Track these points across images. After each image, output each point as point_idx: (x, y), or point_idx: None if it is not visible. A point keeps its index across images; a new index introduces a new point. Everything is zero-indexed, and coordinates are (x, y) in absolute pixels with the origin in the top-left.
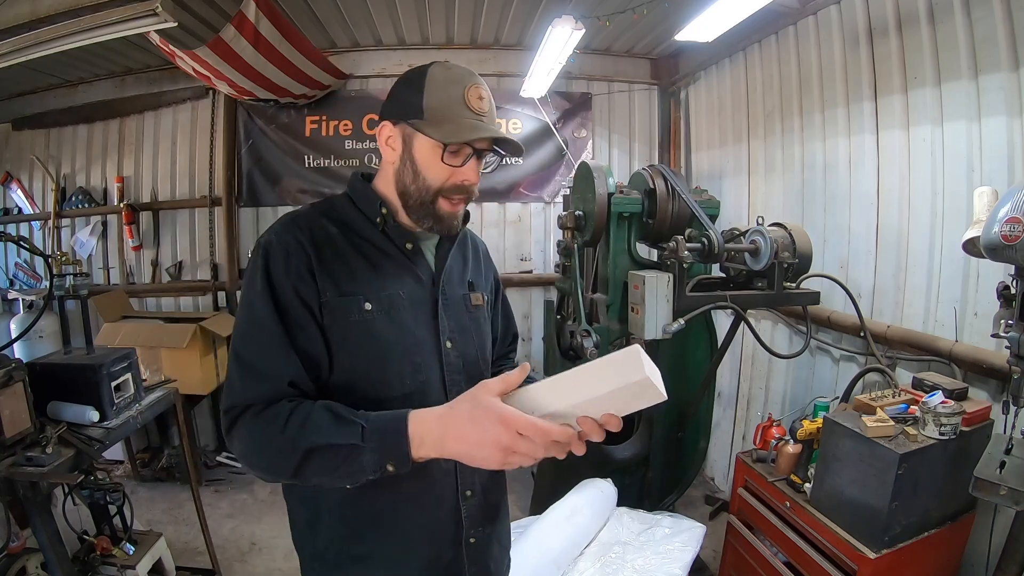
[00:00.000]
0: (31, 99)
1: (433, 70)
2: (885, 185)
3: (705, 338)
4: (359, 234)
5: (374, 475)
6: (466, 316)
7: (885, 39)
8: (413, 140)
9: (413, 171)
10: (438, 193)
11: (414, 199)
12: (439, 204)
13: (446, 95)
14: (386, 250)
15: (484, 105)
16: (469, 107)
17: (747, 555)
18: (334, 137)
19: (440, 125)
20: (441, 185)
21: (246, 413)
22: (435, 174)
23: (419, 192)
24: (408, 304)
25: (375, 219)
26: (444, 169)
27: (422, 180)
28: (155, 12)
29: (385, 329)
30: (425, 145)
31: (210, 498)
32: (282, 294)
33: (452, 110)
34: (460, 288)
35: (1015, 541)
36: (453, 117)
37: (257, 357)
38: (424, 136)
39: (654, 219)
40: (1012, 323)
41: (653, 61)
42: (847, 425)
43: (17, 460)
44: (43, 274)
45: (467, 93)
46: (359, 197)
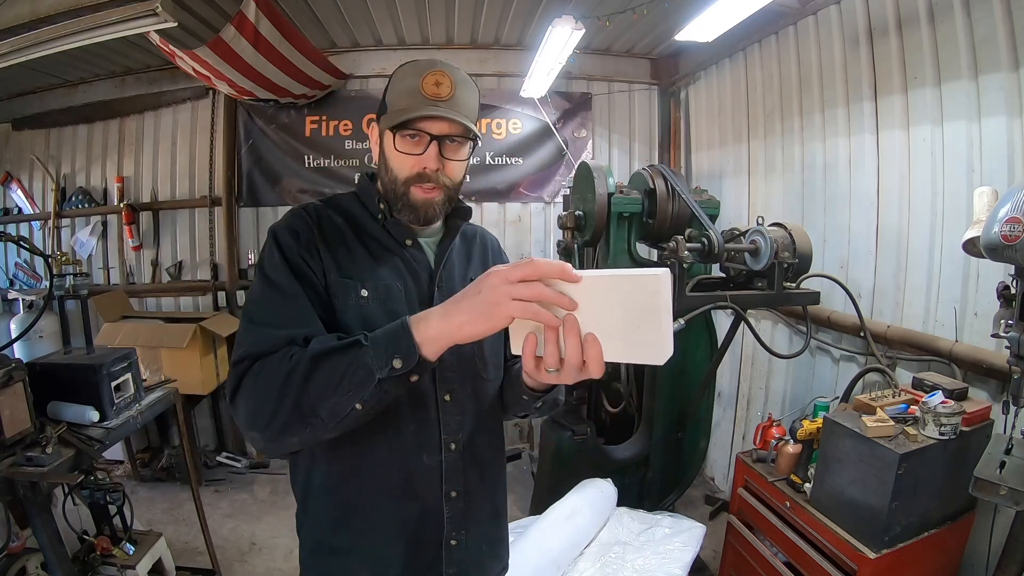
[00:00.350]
0: (31, 99)
1: (402, 67)
2: (885, 185)
3: (705, 338)
4: (362, 227)
5: (381, 373)
6: None
7: (885, 39)
8: (383, 137)
9: (385, 165)
10: (407, 183)
11: (390, 192)
12: (412, 193)
13: (404, 86)
14: (387, 244)
15: (442, 90)
16: (424, 93)
17: (747, 555)
18: (334, 137)
19: (393, 115)
20: (408, 175)
21: (255, 364)
22: (399, 164)
23: (391, 184)
24: (404, 297)
25: (376, 215)
26: (404, 158)
27: (391, 172)
28: (155, 12)
29: (379, 318)
30: (388, 138)
31: (210, 498)
32: (296, 264)
33: (407, 100)
34: (460, 284)
35: (1015, 541)
36: (407, 106)
37: (274, 315)
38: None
39: (654, 219)
40: (1012, 323)
41: (653, 61)
42: (847, 425)
43: (17, 460)
44: (43, 274)
45: (423, 80)
46: (363, 194)
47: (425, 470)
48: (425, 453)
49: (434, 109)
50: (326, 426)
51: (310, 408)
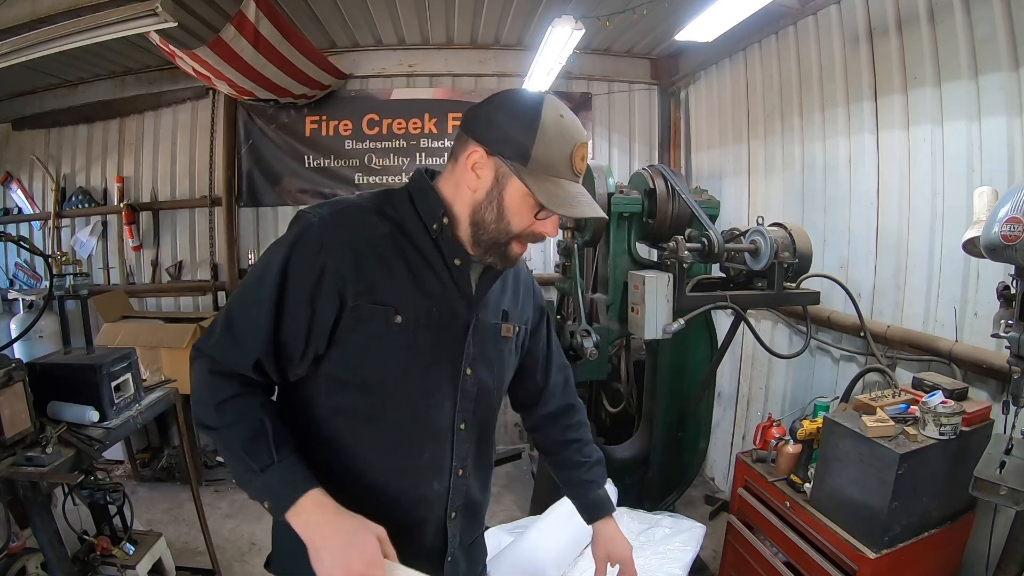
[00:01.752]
0: (31, 99)
1: (547, 113)
2: (885, 185)
3: (705, 338)
4: (410, 238)
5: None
6: (491, 345)
7: (885, 39)
8: (507, 182)
9: (498, 212)
10: (515, 237)
11: (489, 236)
12: (512, 246)
13: (555, 150)
14: (432, 262)
15: (585, 165)
16: (573, 168)
17: (747, 555)
18: (334, 137)
19: (543, 182)
20: (521, 231)
21: (207, 361)
22: (520, 221)
23: (497, 233)
24: (438, 323)
25: (432, 226)
26: (530, 219)
27: (504, 223)
28: (155, 12)
29: (408, 346)
30: (519, 192)
31: (210, 498)
32: (292, 287)
33: (557, 168)
34: (493, 316)
35: (1015, 541)
36: (556, 176)
37: (241, 323)
38: (521, 185)
39: (654, 219)
40: (1012, 323)
41: (653, 61)
42: (847, 425)
43: (17, 460)
44: (43, 274)
45: (575, 152)
46: (420, 198)
47: (434, 495)
48: (436, 480)
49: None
50: None
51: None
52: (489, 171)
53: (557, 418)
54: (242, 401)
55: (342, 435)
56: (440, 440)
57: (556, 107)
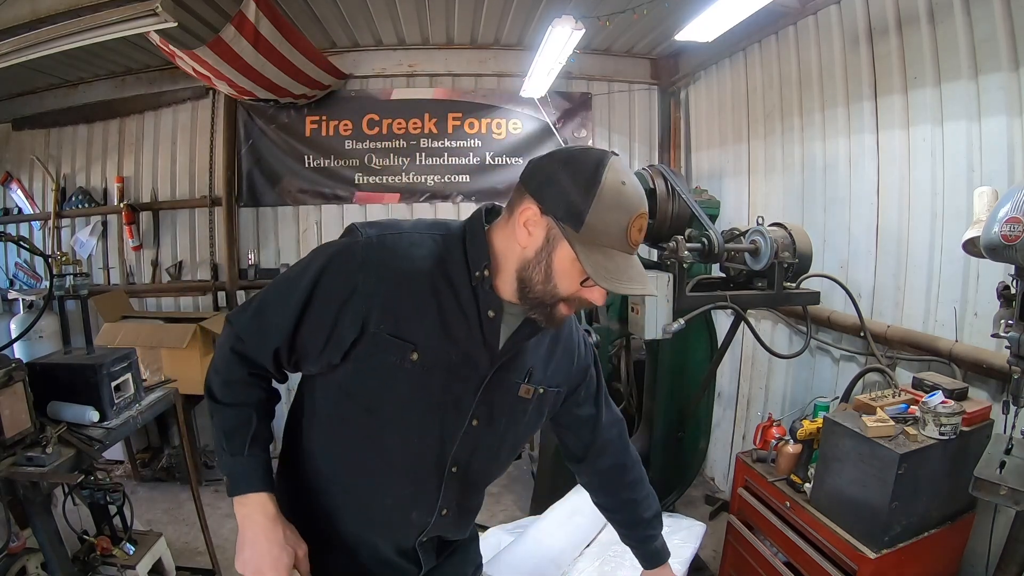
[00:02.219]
0: (31, 99)
1: (608, 178)
2: (885, 185)
3: (705, 338)
4: (449, 280)
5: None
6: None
7: (885, 39)
8: (558, 244)
9: (546, 273)
10: (562, 300)
11: (535, 296)
12: (558, 307)
13: (611, 219)
14: (466, 309)
15: (642, 237)
16: (629, 240)
17: (747, 555)
18: (334, 137)
19: (592, 252)
20: (569, 295)
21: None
22: (567, 286)
23: (544, 294)
24: (455, 369)
25: (474, 272)
26: (577, 286)
27: (552, 286)
28: (155, 12)
29: (418, 385)
30: (568, 257)
31: (210, 498)
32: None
33: (610, 238)
34: (517, 375)
35: (1015, 541)
36: (609, 247)
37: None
38: (571, 250)
39: (654, 219)
40: (1012, 323)
41: (653, 61)
42: (847, 425)
43: (17, 460)
44: (43, 274)
45: (631, 224)
46: (472, 242)
47: (410, 524)
48: (415, 511)
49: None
50: None
51: None
52: (541, 230)
53: (611, 477)
54: (245, 389)
55: (338, 441)
56: (428, 477)
57: (619, 173)
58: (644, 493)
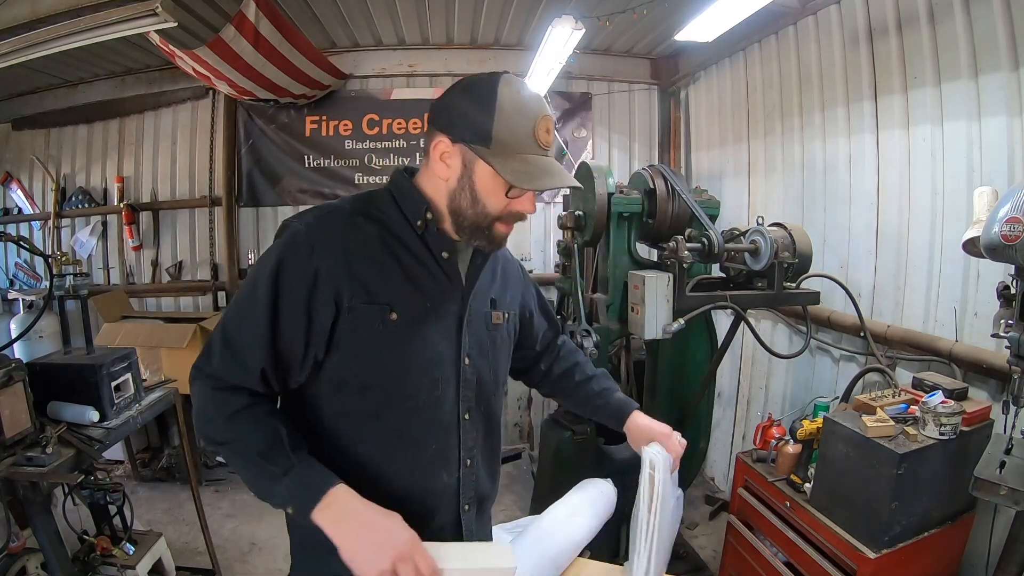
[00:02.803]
0: (31, 99)
1: (503, 90)
2: (885, 185)
3: (705, 338)
4: (397, 236)
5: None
6: (485, 334)
7: (885, 39)
8: (475, 165)
9: (472, 197)
10: (496, 219)
11: (469, 222)
12: (495, 228)
13: (517, 125)
14: (421, 257)
15: (551, 138)
16: (538, 142)
17: (747, 555)
18: (334, 137)
19: (508, 160)
20: (500, 213)
21: (209, 379)
22: (495, 203)
23: (476, 217)
24: (434, 316)
25: (416, 223)
26: (505, 200)
27: (481, 207)
28: (155, 12)
29: (407, 341)
30: (488, 174)
31: (210, 498)
32: (285, 293)
33: (521, 145)
34: (483, 305)
35: (1015, 541)
36: (522, 153)
37: (238, 337)
38: (488, 166)
39: (654, 219)
40: (1012, 323)
41: (653, 61)
42: (847, 425)
43: (17, 460)
44: (43, 274)
45: (538, 126)
46: (403, 197)
47: (443, 488)
48: (445, 471)
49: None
50: None
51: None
52: (456, 158)
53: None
54: (252, 412)
55: (346, 436)
56: (445, 432)
57: (512, 84)
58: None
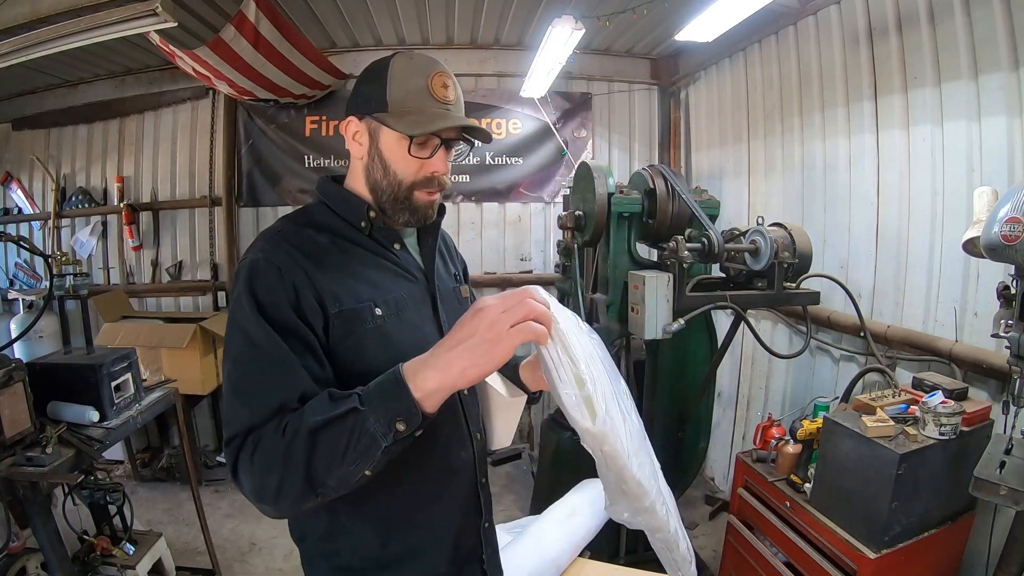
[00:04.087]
0: (31, 99)
1: (395, 60)
2: (885, 185)
3: (705, 338)
4: (350, 240)
5: (386, 440)
6: (459, 309)
7: (885, 39)
8: (379, 134)
9: (383, 166)
10: (412, 187)
11: (387, 194)
12: (415, 196)
13: (410, 84)
14: (378, 253)
15: (449, 93)
16: (434, 96)
17: (747, 555)
18: (334, 137)
19: (404, 117)
20: (413, 179)
21: (248, 439)
22: (404, 167)
23: (391, 187)
24: (411, 304)
25: (359, 223)
26: (413, 162)
27: (392, 175)
28: (155, 12)
29: (398, 332)
30: (391, 138)
31: (210, 498)
32: (277, 313)
33: (416, 101)
34: (449, 281)
35: (1015, 541)
36: (418, 108)
37: (257, 380)
38: (389, 129)
39: (654, 219)
40: (1012, 323)
41: (653, 61)
42: (847, 425)
43: (17, 460)
44: (43, 274)
45: (431, 82)
46: (338, 203)
47: (463, 464)
48: (462, 449)
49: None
50: (337, 492)
51: (318, 481)
52: (364, 133)
53: None
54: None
55: None
56: (452, 412)
57: (405, 54)
58: None
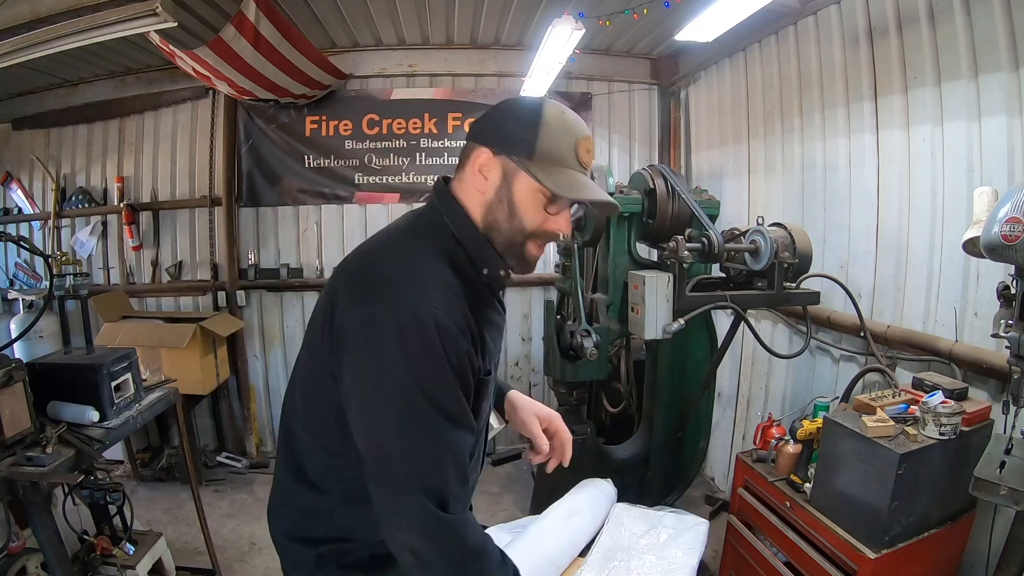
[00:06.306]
0: (31, 99)
1: (549, 111)
2: (885, 185)
3: (705, 338)
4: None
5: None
6: None
7: (885, 39)
8: (515, 178)
9: (509, 210)
10: (530, 236)
11: (504, 237)
12: (528, 246)
13: (560, 143)
14: (490, 304)
15: (591, 160)
16: (579, 160)
17: (747, 555)
18: (334, 137)
19: (551, 173)
20: (535, 229)
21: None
22: (532, 218)
23: (511, 232)
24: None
25: (483, 269)
26: (542, 215)
27: (517, 221)
28: (155, 12)
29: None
30: (528, 187)
31: (210, 498)
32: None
33: (563, 160)
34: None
35: (1015, 541)
36: (563, 168)
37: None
38: (530, 178)
39: (654, 219)
40: (1012, 323)
41: (653, 61)
42: (847, 425)
43: (17, 460)
44: (43, 274)
45: (579, 144)
46: (475, 250)
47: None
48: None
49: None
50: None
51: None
52: (496, 170)
53: None
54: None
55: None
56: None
57: (558, 106)
58: None
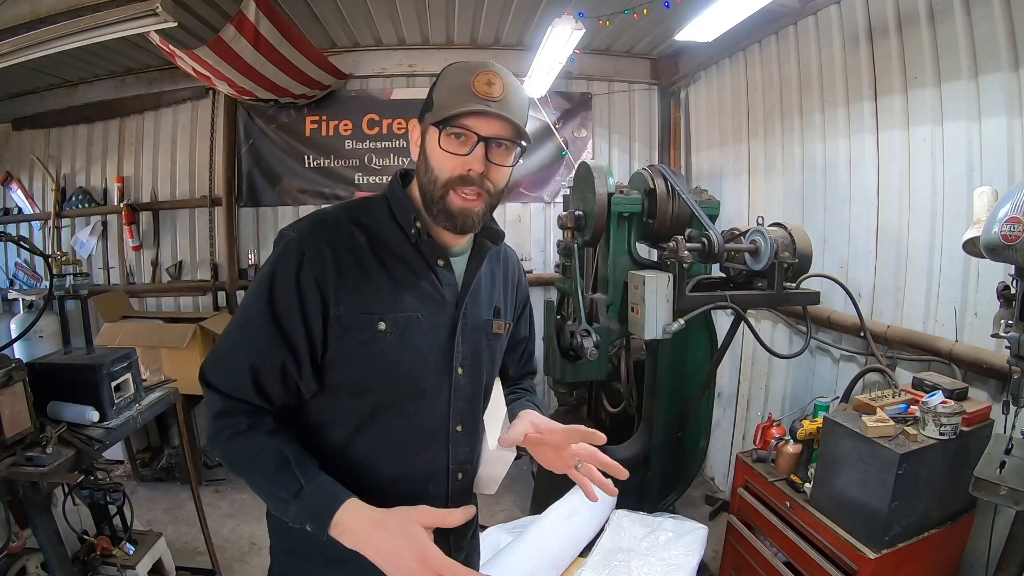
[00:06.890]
0: (31, 99)
1: (451, 65)
2: (885, 185)
3: (705, 338)
4: (389, 247)
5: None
6: (484, 343)
7: (885, 39)
8: (425, 135)
9: (425, 164)
10: (447, 185)
11: (428, 195)
12: (449, 198)
13: (454, 83)
14: (414, 267)
15: (494, 90)
16: (475, 92)
17: (747, 555)
18: (334, 137)
19: (439, 111)
20: (449, 176)
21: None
22: (441, 163)
23: (430, 185)
24: (425, 327)
25: (409, 231)
26: (448, 158)
27: (432, 172)
28: (155, 12)
29: (394, 351)
30: (433, 136)
31: (210, 498)
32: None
33: (456, 96)
34: (485, 312)
35: (1015, 541)
36: (455, 103)
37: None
38: (434, 129)
39: (654, 219)
40: (1012, 323)
41: (653, 61)
42: (847, 425)
43: (17, 460)
44: (43, 274)
45: (474, 79)
46: (397, 205)
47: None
48: (432, 483)
49: (485, 106)
50: None
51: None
52: (417, 134)
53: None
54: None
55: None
56: (434, 443)
57: (467, 60)
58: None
